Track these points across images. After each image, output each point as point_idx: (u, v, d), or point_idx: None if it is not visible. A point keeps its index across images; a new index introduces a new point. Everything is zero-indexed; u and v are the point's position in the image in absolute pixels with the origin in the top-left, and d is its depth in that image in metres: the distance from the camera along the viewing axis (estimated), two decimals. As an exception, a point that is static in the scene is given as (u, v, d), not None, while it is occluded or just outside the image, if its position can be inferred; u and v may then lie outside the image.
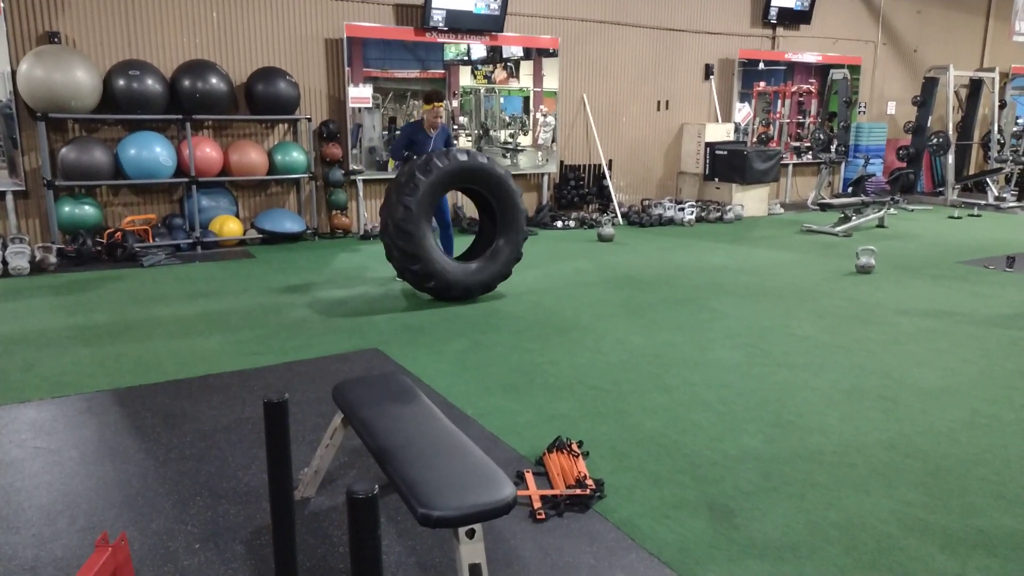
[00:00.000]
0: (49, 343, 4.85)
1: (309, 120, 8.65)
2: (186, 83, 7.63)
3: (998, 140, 12.99)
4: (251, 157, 8.11)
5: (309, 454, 3.31)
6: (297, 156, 8.38)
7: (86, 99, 7.17)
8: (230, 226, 8.10)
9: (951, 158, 12.64)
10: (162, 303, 5.87)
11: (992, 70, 13.50)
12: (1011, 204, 12.27)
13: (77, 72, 7.04)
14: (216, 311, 5.65)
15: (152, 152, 7.50)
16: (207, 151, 7.87)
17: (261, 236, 8.33)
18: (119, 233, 7.38)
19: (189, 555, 2.58)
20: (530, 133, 10.01)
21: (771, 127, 12.39)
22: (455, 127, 9.49)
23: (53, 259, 7.03)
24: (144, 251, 7.43)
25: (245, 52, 8.31)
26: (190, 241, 7.89)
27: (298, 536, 2.69)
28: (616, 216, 10.39)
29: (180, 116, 7.69)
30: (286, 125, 8.69)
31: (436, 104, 5.96)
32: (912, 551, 2.62)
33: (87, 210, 7.48)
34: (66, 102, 7.05)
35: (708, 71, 11.67)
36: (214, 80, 7.73)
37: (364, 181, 9.10)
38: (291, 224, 8.42)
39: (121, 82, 7.33)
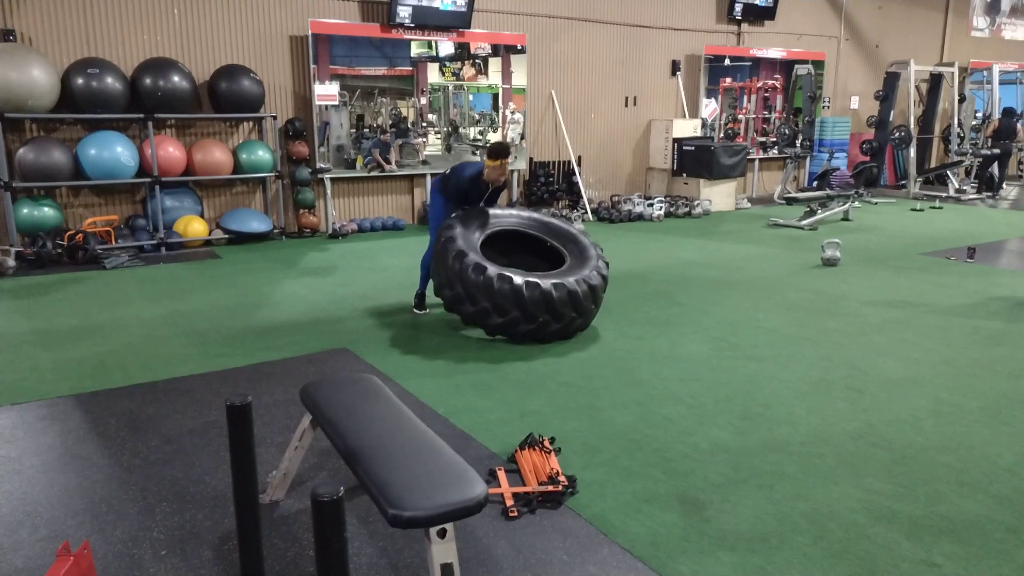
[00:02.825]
0: (8, 348, 4.73)
1: (275, 118, 8.55)
2: (147, 81, 7.49)
3: (958, 134, 13.25)
4: (215, 156, 7.99)
5: (278, 456, 3.27)
6: (263, 155, 8.27)
7: (44, 98, 7.00)
8: (195, 226, 7.97)
9: (913, 152, 12.87)
10: (125, 305, 5.76)
11: (951, 65, 13.77)
12: (971, 196, 12.54)
13: (34, 71, 6.87)
14: (181, 313, 5.56)
15: (113, 152, 7.36)
16: (170, 150, 7.73)
17: (227, 236, 8.21)
18: (80, 235, 7.22)
19: (155, 562, 2.53)
20: (500, 131, 9.99)
21: (737, 122, 12.51)
22: (424, 124, 9.44)
23: (12, 262, 6.86)
24: (106, 253, 7.28)
25: (208, 49, 8.18)
26: (154, 242, 7.75)
27: (267, 539, 2.65)
28: (586, 212, 10.42)
29: (142, 115, 7.55)
30: (251, 123, 8.57)
31: (503, 160, 5.09)
32: (879, 539, 2.66)
33: (46, 212, 7.31)
34: (23, 101, 6.88)
35: (675, 67, 11.74)
36: (176, 78, 7.60)
37: (332, 179, 9.02)
38: (258, 224, 8.31)
39: (80, 81, 7.17)
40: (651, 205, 10.36)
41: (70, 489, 3.01)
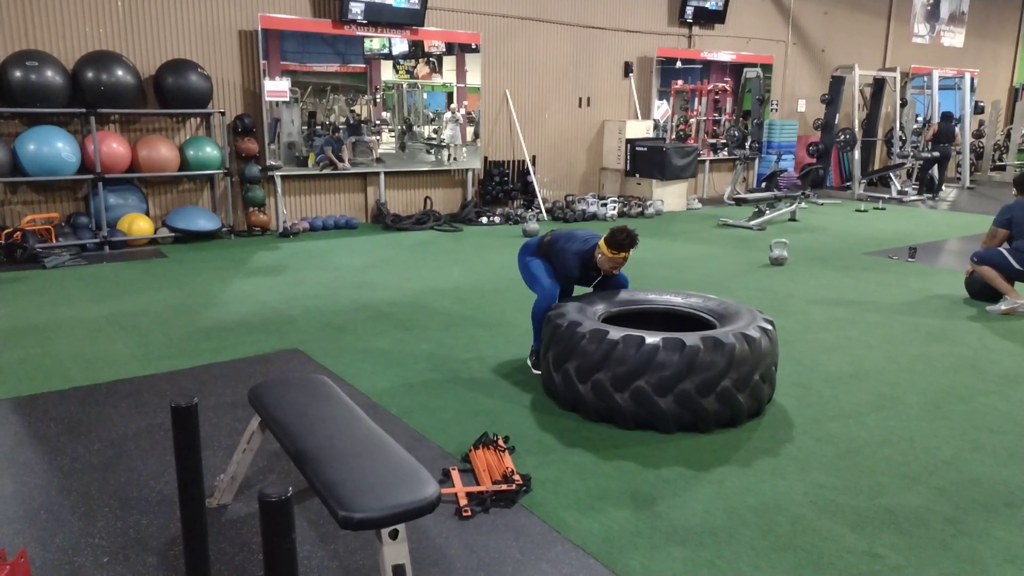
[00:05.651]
0: (-60, 351, 4.55)
1: (223, 114, 8.37)
2: (90, 75, 7.26)
3: (900, 137, 13.65)
4: (161, 153, 7.79)
5: (225, 460, 3.20)
6: (210, 151, 8.10)
7: (-22, 91, 6.75)
8: (140, 224, 7.77)
9: (857, 154, 13.22)
10: (66, 306, 5.58)
11: (894, 70, 14.18)
12: (912, 198, 12.92)
13: (-32, 62, 6.61)
14: (125, 313, 5.41)
15: (54, 147, 7.12)
16: (114, 146, 7.52)
17: (173, 235, 8.01)
18: (18, 233, 6.97)
19: (96, 569, 2.46)
20: (445, 130, 9.95)
21: (689, 124, 12.69)
22: (377, 122, 9.36)
23: (-56, 261, 6.60)
24: (46, 252, 7.04)
25: (153, 43, 7.97)
26: (97, 241, 7.53)
27: (214, 544, 2.60)
28: (540, 211, 10.44)
29: (83, 110, 7.32)
30: (198, 119, 8.38)
31: (624, 254, 4.13)
32: (824, 532, 2.72)
33: (-18, 209, 7.05)
34: (-44, 94, 6.62)
35: (628, 69, 11.85)
36: (120, 72, 7.39)
37: (283, 177, 8.87)
38: (205, 222, 8.13)
39: (18, 73, 6.92)
40: (605, 205, 10.44)
41: (6, 496, 2.90)
